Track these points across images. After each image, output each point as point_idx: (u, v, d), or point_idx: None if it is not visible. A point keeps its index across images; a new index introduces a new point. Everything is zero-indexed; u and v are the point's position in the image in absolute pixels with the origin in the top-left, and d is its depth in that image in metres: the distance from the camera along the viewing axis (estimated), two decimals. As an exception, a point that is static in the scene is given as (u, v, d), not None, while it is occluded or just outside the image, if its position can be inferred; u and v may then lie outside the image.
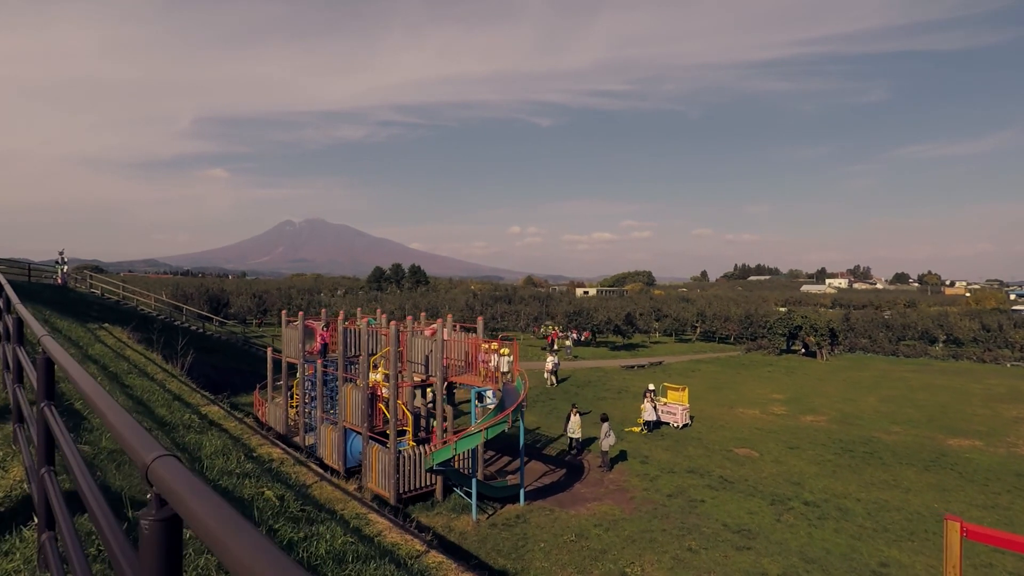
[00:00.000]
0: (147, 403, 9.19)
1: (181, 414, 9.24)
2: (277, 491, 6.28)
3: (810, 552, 13.25)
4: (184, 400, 10.79)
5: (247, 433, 9.83)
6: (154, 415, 8.42)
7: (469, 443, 13.84)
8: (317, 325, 20.54)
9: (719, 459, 20.68)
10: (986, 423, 26.60)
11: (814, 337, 50.79)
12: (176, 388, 11.93)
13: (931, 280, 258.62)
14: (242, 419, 11.37)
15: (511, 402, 14.72)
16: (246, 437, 9.51)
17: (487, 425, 13.67)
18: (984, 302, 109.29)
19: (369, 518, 7.13)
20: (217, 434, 8.71)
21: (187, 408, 10.07)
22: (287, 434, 20.16)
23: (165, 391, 11.02)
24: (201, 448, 7.32)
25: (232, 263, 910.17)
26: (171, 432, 7.69)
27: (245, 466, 7.05)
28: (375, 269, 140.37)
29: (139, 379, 11.48)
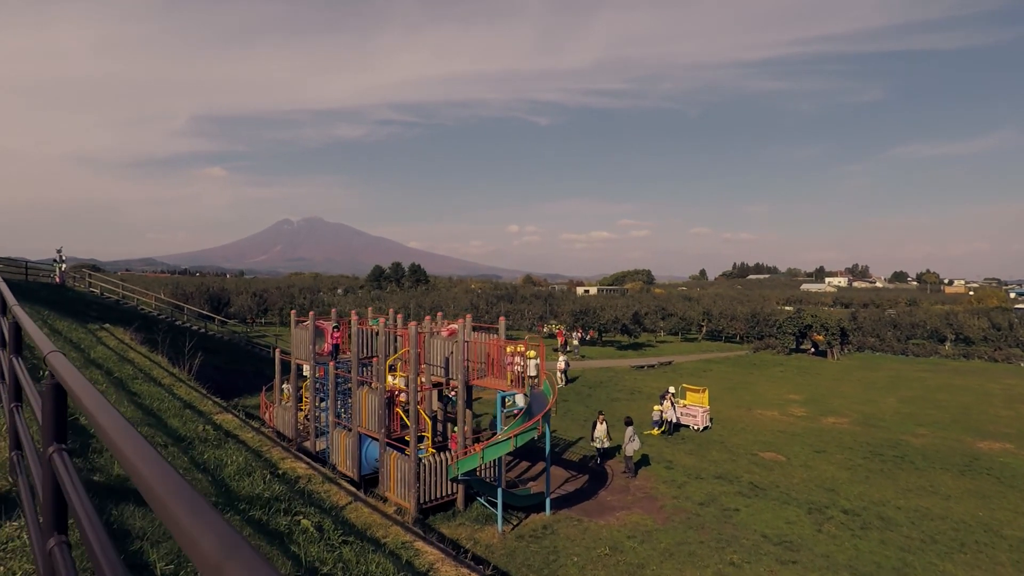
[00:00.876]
0: (158, 413, 8.36)
1: (195, 425, 8.41)
2: (314, 518, 5.48)
3: (860, 567, 12.47)
4: (196, 408, 9.96)
5: (266, 445, 9.01)
6: (167, 427, 7.59)
7: (497, 452, 13.03)
8: (327, 326, 19.70)
9: (745, 464, 19.91)
10: (1013, 425, 25.87)
11: (825, 336, 50.05)
12: (185, 394, 11.10)
13: (930, 279, 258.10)
14: (259, 429, 10.55)
15: (539, 407, 13.91)
16: (266, 450, 8.68)
17: (516, 432, 12.86)
18: (986, 300, 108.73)
19: (416, 547, 6.32)
20: (235, 448, 7.89)
21: (200, 417, 9.25)
22: (296, 439, 19.33)
23: (174, 398, 10.19)
24: (223, 467, 6.51)
25: (230, 262, 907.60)
26: (188, 448, 6.86)
27: (273, 487, 6.24)
28: (375, 268, 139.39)
29: (146, 384, 10.65)
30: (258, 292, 69.89)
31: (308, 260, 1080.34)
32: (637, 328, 56.64)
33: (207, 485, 5.52)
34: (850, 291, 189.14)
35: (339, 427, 17.49)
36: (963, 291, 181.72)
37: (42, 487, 2.13)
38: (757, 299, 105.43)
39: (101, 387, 8.54)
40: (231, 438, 8.60)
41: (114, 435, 1.56)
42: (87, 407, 1.79)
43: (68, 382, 2.00)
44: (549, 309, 68.78)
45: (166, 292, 51.50)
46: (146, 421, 7.43)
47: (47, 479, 2.07)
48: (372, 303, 54.93)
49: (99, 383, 8.81)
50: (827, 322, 50.27)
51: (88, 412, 1.77)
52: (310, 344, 18.46)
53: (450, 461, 14.34)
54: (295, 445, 18.36)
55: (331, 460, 17.33)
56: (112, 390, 8.68)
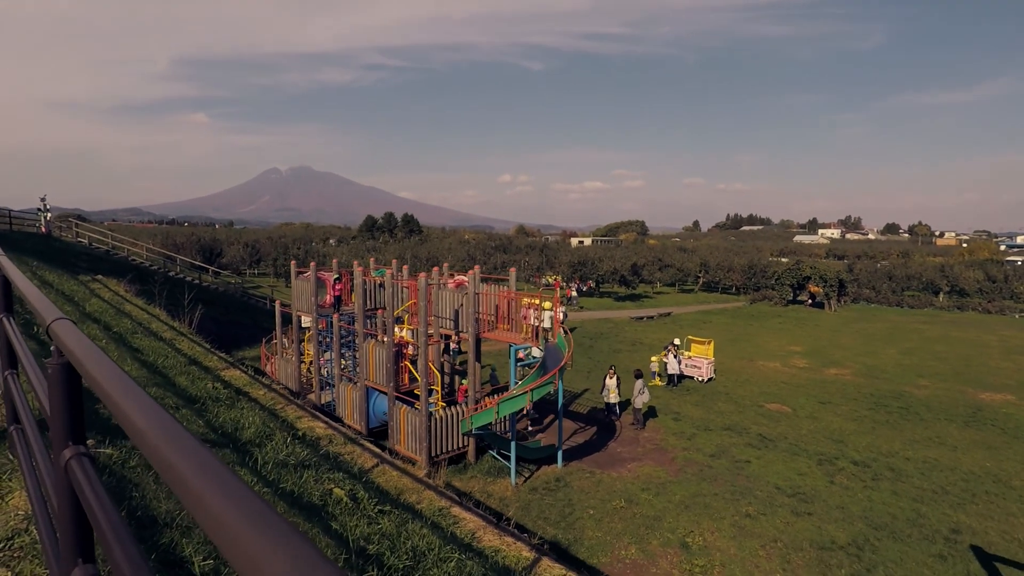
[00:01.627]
0: (163, 370, 7.85)
1: (203, 383, 7.93)
2: (345, 486, 5.08)
3: (874, 517, 12.49)
4: (201, 364, 9.47)
5: (279, 403, 8.57)
6: (175, 386, 7.10)
7: (513, 406, 12.74)
8: (329, 277, 19.09)
9: (752, 415, 19.91)
10: (1013, 377, 26.05)
11: (823, 288, 50.05)
12: (188, 349, 10.59)
13: (921, 231, 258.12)
14: (270, 386, 10.10)
15: (553, 361, 13.56)
16: (280, 408, 8.25)
17: (533, 386, 12.52)
18: (977, 253, 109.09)
19: (454, 514, 5.98)
20: (249, 407, 7.44)
21: (207, 374, 8.76)
22: (300, 391, 19.03)
23: (178, 353, 9.68)
24: (240, 429, 6.06)
25: (219, 212, 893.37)
26: (202, 411, 6.39)
27: (297, 452, 5.81)
28: (367, 218, 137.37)
29: (147, 339, 10.11)
30: (250, 243, 68.64)
31: (297, 210, 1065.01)
32: (635, 279, 56.39)
33: (228, 453, 5.07)
34: (843, 243, 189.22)
35: (344, 380, 17.15)
36: (954, 243, 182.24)
37: (57, 501, 1.58)
38: (751, 251, 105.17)
39: (101, 343, 8.01)
40: (242, 396, 8.15)
41: (157, 440, 1.03)
42: (117, 403, 1.23)
43: (84, 363, 1.43)
44: (545, 260, 68.27)
45: (156, 242, 50.32)
46: (153, 380, 6.92)
47: (62, 491, 1.53)
48: (368, 254, 54.10)
49: (99, 339, 8.25)
50: (826, 274, 50.17)
51: (117, 408, 1.22)
52: (312, 296, 17.89)
53: (464, 415, 14.08)
54: (300, 398, 18.07)
55: (338, 412, 17.08)
56: (113, 347, 8.13)
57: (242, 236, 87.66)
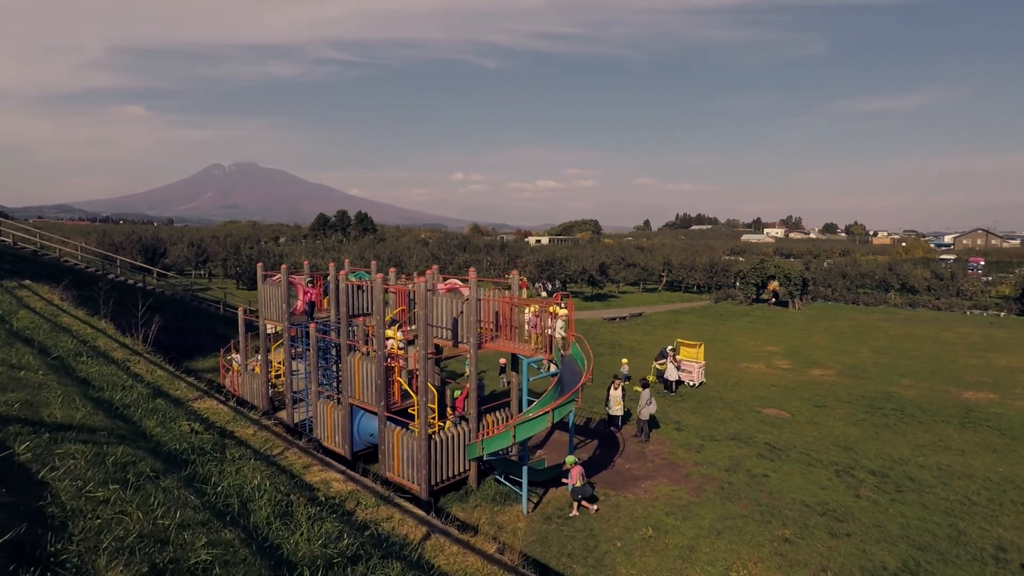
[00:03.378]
0: (124, 410, 6.02)
1: (177, 424, 6.17)
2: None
3: (915, 536, 11.71)
4: (168, 395, 7.61)
5: (275, 445, 6.86)
6: (146, 436, 5.34)
7: (531, 429, 11.29)
8: (300, 280, 17.13)
9: (753, 422, 19.15)
10: (986, 374, 26.45)
11: (787, 287, 50.72)
12: (148, 374, 8.65)
13: (857, 230, 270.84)
14: (258, 420, 8.28)
15: (570, 375, 12.20)
16: (279, 454, 6.55)
17: (554, 406, 11.11)
18: (913, 251, 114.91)
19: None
20: (242, 456, 5.73)
21: (178, 409, 6.94)
22: (268, 409, 16.98)
23: (137, 381, 7.77)
24: (248, 501, 4.41)
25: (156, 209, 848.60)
26: (192, 477, 4.67)
27: (330, 530, 4.22)
28: (319, 216, 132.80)
29: (95, 364, 8.15)
30: (195, 242, 64.40)
31: (243, 208, 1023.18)
32: (603, 279, 55.80)
33: (250, 556, 3.48)
34: (788, 242, 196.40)
35: (323, 398, 15.28)
36: (888, 242, 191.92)
37: None
38: (704, 249, 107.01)
39: (37, 375, 6.11)
40: (229, 439, 6.40)
41: None
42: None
43: None
44: (508, 259, 66.95)
45: (90, 242, 46.10)
46: (115, 429, 5.14)
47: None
48: (326, 253, 51.36)
49: (32, 369, 6.33)
50: (790, 273, 50.86)
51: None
52: (283, 302, 15.90)
53: (471, 437, 12.52)
54: (269, 416, 16.05)
55: (316, 434, 15.19)
56: (55, 378, 6.23)
57: (185, 234, 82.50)
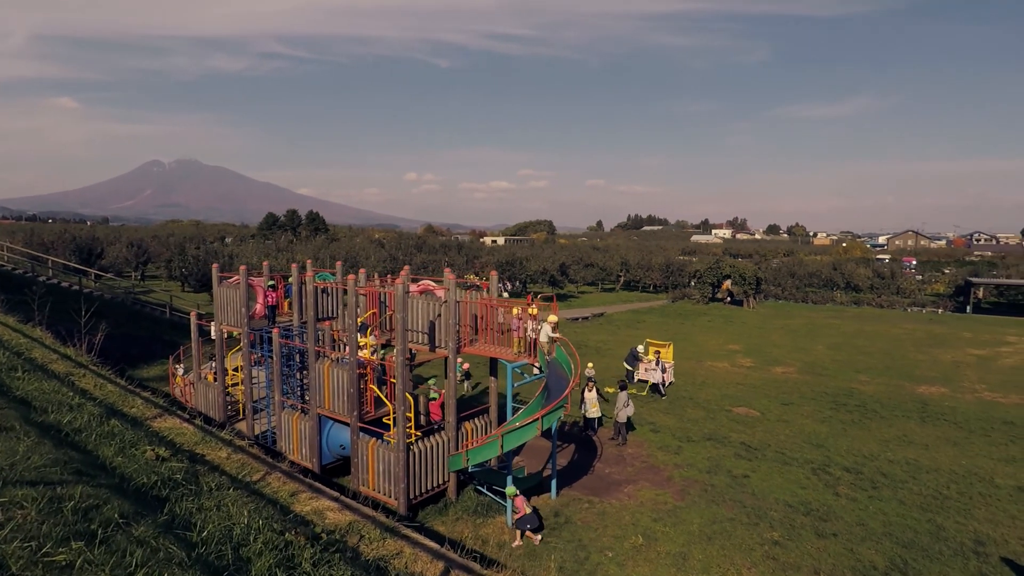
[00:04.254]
0: (75, 436, 5.13)
1: (140, 451, 5.32)
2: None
3: (897, 533, 11.80)
4: (123, 413, 6.68)
5: (255, 470, 6.06)
6: (106, 468, 4.51)
7: (520, 438, 10.73)
8: (260, 283, 16.04)
9: (725, 421, 19.20)
10: (934, 369, 27.60)
11: (741, 286, 51.99)
12: (97, 390, 7.64)
13: (799, 231, 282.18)
14: (231, 440, 7.39)
15: (556, 380, 11.72)
16: (260, 480, 5.77)
17: (543, 413, 10.59)
18: (852, 251, 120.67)
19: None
20: (218, 484, 4.94)
21: (137, 431, 6.05)
22: (223, 420, 15.81)
23: (86, 399, 6.80)
24: (241, 546, 3.69)
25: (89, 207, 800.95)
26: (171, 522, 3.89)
27: None
28: (268, 215, 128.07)
29: (34, 379, 7.12)
30: (135, 242, 60.71)
31: (184, 207, 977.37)
32: (563, 279, 55.78)
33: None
34: (735, 243, 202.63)
35: (288, 408, 14.28)
36: (828, 243, 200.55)
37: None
38: (656, 250, 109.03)
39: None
40: (200, 464, 5.58)
41: None
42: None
43: None
44: (467, 260, 66.17)
45: (16, 241, 42.64)
46: (69, 462, 4.30)
47: None
48: (279, 254, 49.25)
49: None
50: (745, 272, 52.15)
51: None
52: (242, 306, 14.79)
53: (453, 448, 11.85)
54: (227, 429, 14.91)
55: (279, 447, 14.17)
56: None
57: (122, 234, 77.81)
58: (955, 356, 30.71)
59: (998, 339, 36.27)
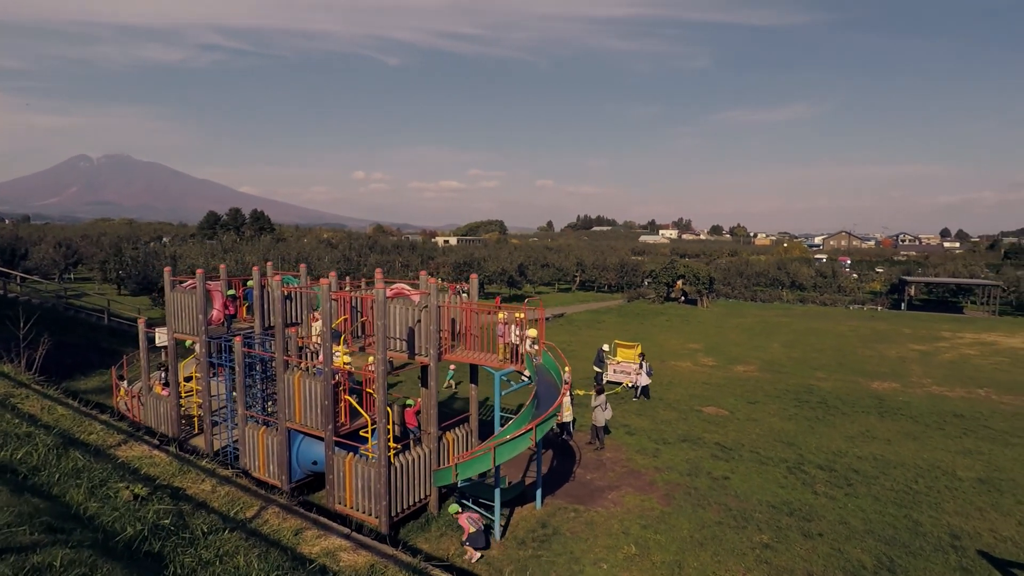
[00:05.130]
0: (32, 478, 4.31)
1: (113, 489, 4.53)
2: None
3: (878, 531, 12.00)
4: (81, 442, 5.80)
5: (246, 505, 5.33)
6: (82, 520, 3.75)
7: (512, 450, 10.22)
8: (216, 287, 14.91)
9: (696, 421, 19.31)
10: (883, 365, 28.81)
11: (695, 286, 53.14)
12: (45, 414, 6.68)
13: (740, 232, 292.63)
14: (212, 470, 6.56)
15: (545, 387, 11.29)
16: (255, 515, 5.07)
17: (536, 423, 10.13)
18: (792, 251, 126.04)
19: None
20: (207, 523, 4.25)
21: (105, 464, 5.23)
22: (179, 436, 14.60)
23: (37, 427, 5.89)
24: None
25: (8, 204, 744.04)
26: None
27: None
28: (209, 214, 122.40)
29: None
30: (63, 242, 56.48)
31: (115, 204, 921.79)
32: (522, 279, 55.58)
33: None
34: (681, 243, 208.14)
35: (252, 421, 13.27)
36: (768, 243, 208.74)
37: None
38: (608, 250, 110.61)
39: None
40: (184, 501, 4.84)
41: None
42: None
43: None
44: (421, 260, 65.07)
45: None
46: (35, 515, 3.52)
47: None
48: (225, 255, 46.85)
49: None
50: (698, 272, 53.33)
51: None
52: (199, 313, 13.66)
53: (435, 459, 11.22)
54: (181, 445, 13.76)
55: (241, 463, 13.15)
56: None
57: (47, 233, 72.40)
58: (899, 352, 32.22)
59: (934, 335, 38.37)
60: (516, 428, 10.57)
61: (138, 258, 40.59)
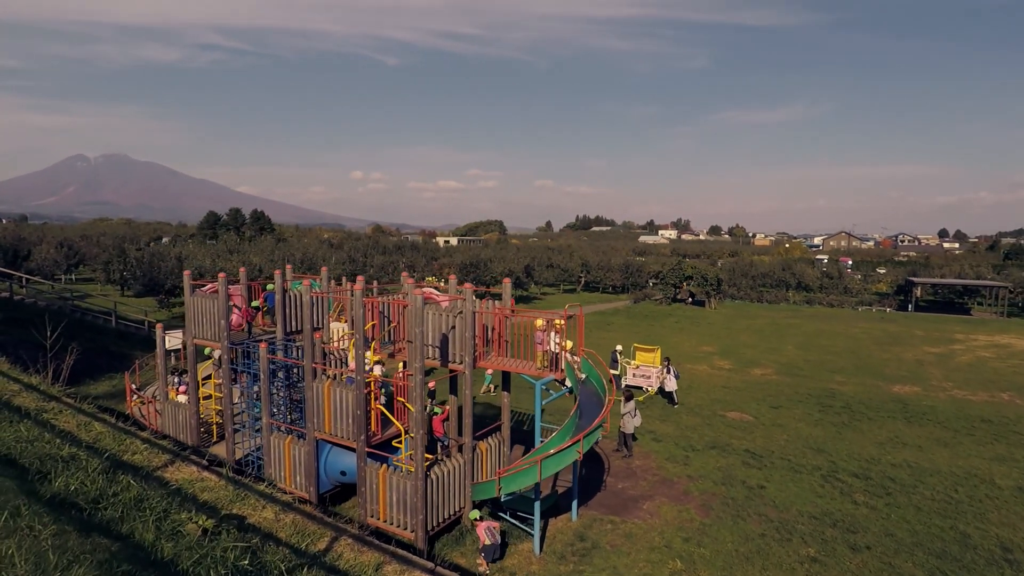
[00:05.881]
0: (97, 514, 3.91)
1: (179, 523, 4.11)
2: None
3: (926, 543, 11.64)
4: (127, 463, 5.38)
5: (316, 535, 4.93)
6: (158, 564, 3.36)
7: (559, 463, 9.84)
8: (236, 291, 14.51)
9: (721, 427, 18.94)
10: (901, 368, 28.46)
11: (703, 287, 52.79)
12: (78, 429, 6.26)
13: (739, 232, 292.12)
14: (273, 495, 6.14)
15: (587, 397, 10.90)
16: (327, 550, 4.67)
17: (584, 434, 9.74)
18: (792, 252, 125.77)
19: None
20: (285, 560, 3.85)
21: (152, 486, 4.82)
22: (198, 444, 14.19)
23: (74, 446, 5.48)
24: None
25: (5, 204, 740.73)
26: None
27: None
28: (209, 214, 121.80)
29: (5, 423, 5.71)
30: (64, 242, 55.89)
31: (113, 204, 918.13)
32: (529, 280, 55.19)
33: None
34: (681, 243, 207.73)
35: (277, 431, 12.85)
36: (768, 243, 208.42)
37: None
38: (609, 250, 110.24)
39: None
40: (250, 532, 4.43)
41: None
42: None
43: None
44: (427, 261, 64.66)
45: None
46: (112, 562, 3.13)
47: None
48: (231, 256, 46.34)
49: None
50: (706, 273, 52.99)
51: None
52: (221, 318, 13.24)
53: (469, 470, 10.82)
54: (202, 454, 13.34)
55: (266, 473, 12.73)
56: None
57: (47, 233, 71.78)
58: (915, 355, 31.88)
59: (947, 337, 38.06)
60: (560, 440, 10.19)
61: (143, 259, 40.07)
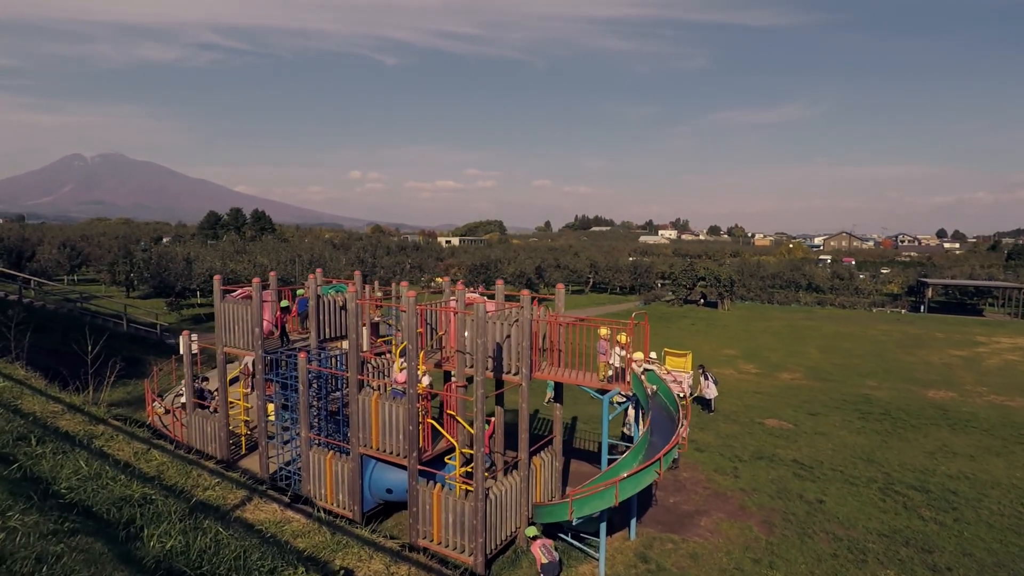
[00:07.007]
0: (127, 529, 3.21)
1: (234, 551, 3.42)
2: None
3: (1011, 564, 11.03)
4: (204, 504, 4.70)
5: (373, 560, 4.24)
6: None
7: (636, 485, 9.15)
8: (267, 296, 13.79)
9: (762, 435, 18.32)
10: (931, 372, 27.84)
11: (716, 288, 52.15)
12: (135, 459, 5.57)
13: (738, 232, 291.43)
14: (376, 541, 5.45)
15: (658, 411, 10.22)
16: None
17: (661, 454, 9.07)
18: (794, 252, 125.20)
19: None
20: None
21: (239, 531, 4.12)
22: (228, 457, 13.48)
23: (140, 481, 4.78)
24: None
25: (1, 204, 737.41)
26: None
27: None
28: (209, 214, 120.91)
29: (60, 456, 5.02)
30: (66, 242, 55.00)
31: (110, 204, 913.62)
32: (540, 281, 54.53)
33: None
34: (681, 243, 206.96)
35: (317, 446, 12.14)
36: (768, 244, 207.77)
37: None
38: (610, 250, 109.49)
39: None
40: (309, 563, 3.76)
41: None
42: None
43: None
44: (434, 262, 64.05)
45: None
46: None
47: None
48: (238, 257, 45.56)
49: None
50: (719, 274, 52.37)
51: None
52: (255, 326, 12.52)
53: (526, 487, 10.13)
54: (232, 467, 12.61)
55: (304, 490, 12.03)
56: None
57: (47, 233, 70.86)
58: (941, 358, 31.28)
59: (969, 339, 37.47)
60: (633, 458, 9.51)
61: (150, 260, 39.26)
